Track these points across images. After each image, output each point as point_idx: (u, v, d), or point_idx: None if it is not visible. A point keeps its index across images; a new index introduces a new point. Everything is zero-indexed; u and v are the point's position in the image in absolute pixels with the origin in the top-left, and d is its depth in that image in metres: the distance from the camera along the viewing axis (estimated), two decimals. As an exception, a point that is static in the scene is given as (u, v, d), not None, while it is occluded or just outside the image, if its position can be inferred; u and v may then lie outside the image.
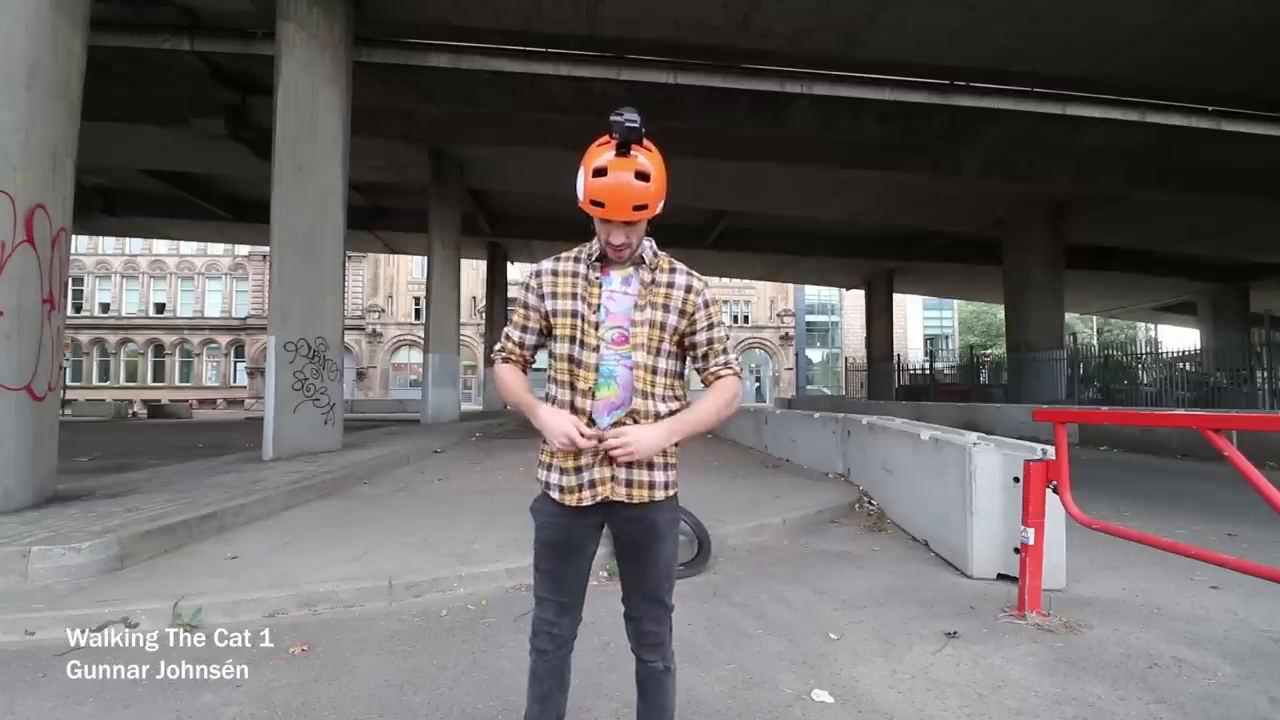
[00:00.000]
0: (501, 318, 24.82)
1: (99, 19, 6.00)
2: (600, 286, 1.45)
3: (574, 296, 1.45)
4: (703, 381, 1.55)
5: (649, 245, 1.50)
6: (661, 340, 1.45)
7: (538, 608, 1.53)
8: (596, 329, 1.43)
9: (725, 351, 1.52)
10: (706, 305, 1.49)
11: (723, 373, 1.51)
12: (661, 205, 1.37)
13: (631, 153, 1.31)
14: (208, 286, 38.23)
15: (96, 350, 37.18)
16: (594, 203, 1.34)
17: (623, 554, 1.53)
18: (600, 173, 1.32)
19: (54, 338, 4.66)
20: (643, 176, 1.31)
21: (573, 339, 1.44)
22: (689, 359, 1.54)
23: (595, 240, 1.47)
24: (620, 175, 1.31)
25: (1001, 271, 18.15)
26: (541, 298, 1.49)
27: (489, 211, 20.81)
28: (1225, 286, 25.55)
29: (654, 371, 1.45)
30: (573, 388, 1.44)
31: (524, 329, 1.54)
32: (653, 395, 1.44)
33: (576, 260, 1.49)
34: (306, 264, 7.58)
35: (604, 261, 1.47)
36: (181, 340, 37.69)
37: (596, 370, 1.43)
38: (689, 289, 1.48)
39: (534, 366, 1.61)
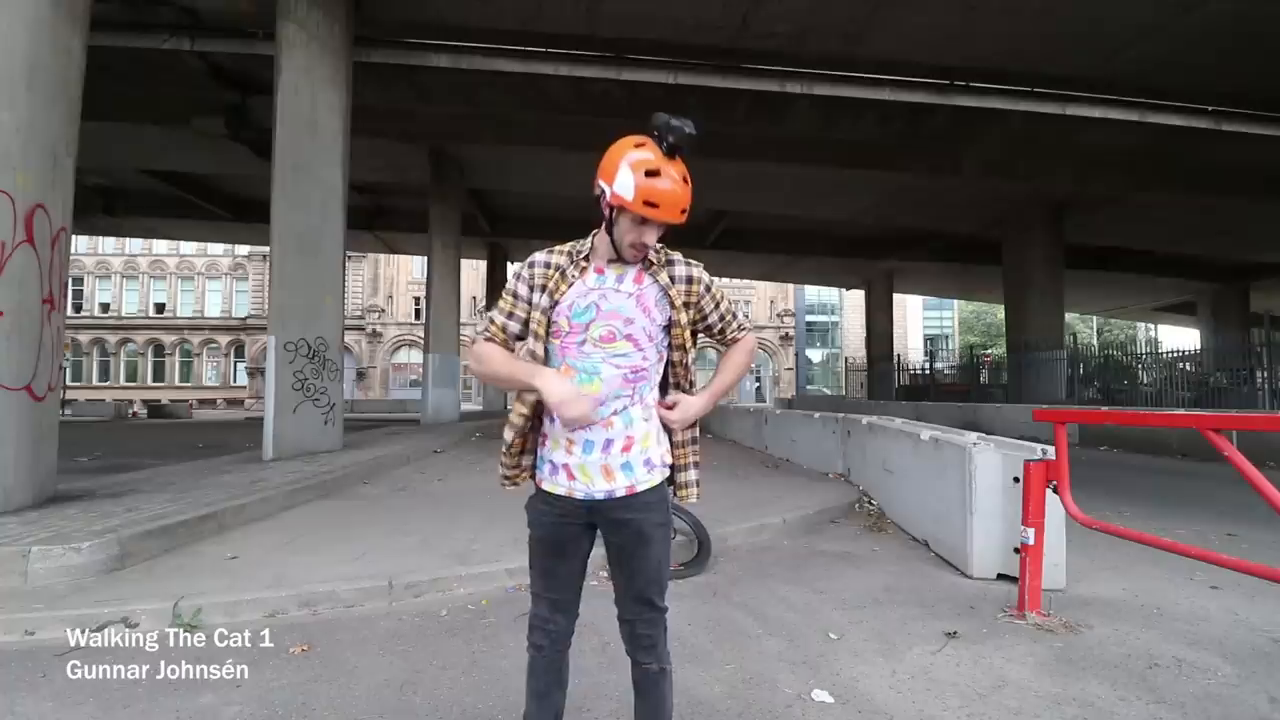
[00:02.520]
0: (502, 318, 24.78)
1: (99, 19, 5.99)
2: (570, 285, 1.45)
3: (550, 294, 1.47)
4: (724, 346, 1.64)
5: None
6: (687, 338, 1.52)
7: (534, 604, 1.56)
8: (550, 324, 1.46)
9: (735, 318, 1.60)
10: (708, 289, 1.54)
11: (739, 336, 1.61)
12: None
13: (676, 157, 1.34)
14: (208, 286, 38.23)
15: (96, 350, 37.18)
16: (647, 203, 1.31)
17: (612, 557, 1.53)
18: (654, 173, 1.31)
19: (54, 338, 4.66)
20: (687, 180, 1.36)
21: (539, 336, 1.47)
22: (704, 338, 1.63)
23: (590, 239, 1.49)
24: (674, 177, 1.33)
25: (1001, 271, 18.15)
26: (532, 289, 1.49)
27: (489, 211, 20.82)
28: (1225, 286, 25.54)
29: (687, 367, 1.54)
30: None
31: (509, 315, 1.52)
32: (684, 387, 1.56)
33: (567, 255, 1.49)
34: (306, 264, 7.58)
35: (593, 259, 1.48)
36: (181, 340, 37.70)
37: (572, 366, 1.44)
38: (690, 280, 1.50)
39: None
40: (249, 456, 7.30)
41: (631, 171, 1.32)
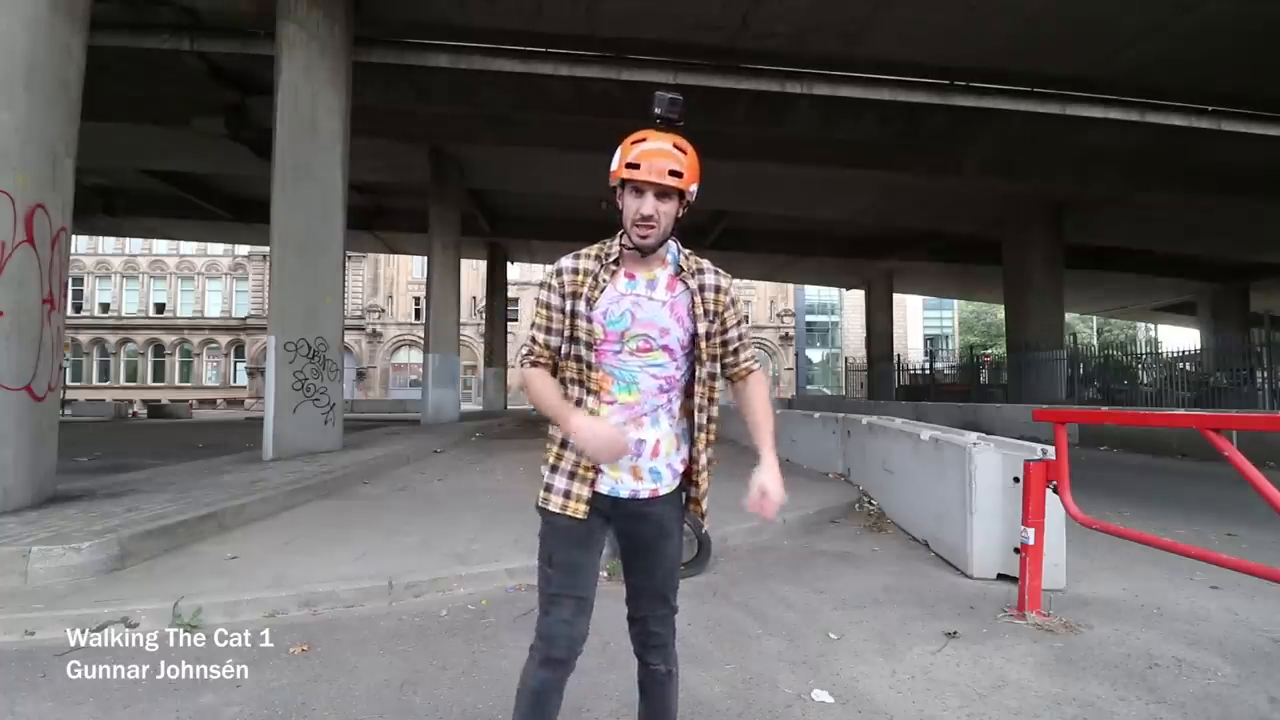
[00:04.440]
0: (502, 318, 24.81)
1: (99, 19, 5.99)
2: (602, 290, 1.40)
3: (586, 299, 1.41)
4: (729, 378, 1.57)
5: (675, 247, 1.47)
6: (713, 348, 1.48)
7: (552, 609, 1.41)
8: (592, 325, 1.40)
9: (748, 346, 1.56)
10: (734, 303, 1.50)
11: (753, 367, 1.56)
12: (694, 191, 1.38)
13: (668, 130, 1.38)
14: (208, 286, 38.24)
15: (96, 350, 37.19)
16: (629, 165, 1.33)
17: (631, 552, 1.50)
18: (639, 141, 1.35)
19: (54, 338, 4.66)
20: (680, 149, 1.35)
21: (586, 342, 1.40)
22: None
23: (615, 241, 1.44)
24: (659, 142, 1.34)
25: (1001, 271, 18.14)
26: (564, 297, 1.43)
27: (489, 211, 20.82)
28: (1225, 286, 25.54)
29: (714, 378, 1.48)
30: (585, 388, 1.42)
31: (548, 330, 1.46)
32: (714, 401, 1.49)
33: (596, 259, 1.44)
34: (306, 264, 7.58)
35: (622, 264, 1.43)
36: (181, 340, 37.71)
37: (610, 374, 1.41)
38: (718, 289, 1.46)
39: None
40: (249, 456, 7.30)
41: (621, 148, 1.37)
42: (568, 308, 1.42)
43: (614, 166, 1.36)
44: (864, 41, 10.14)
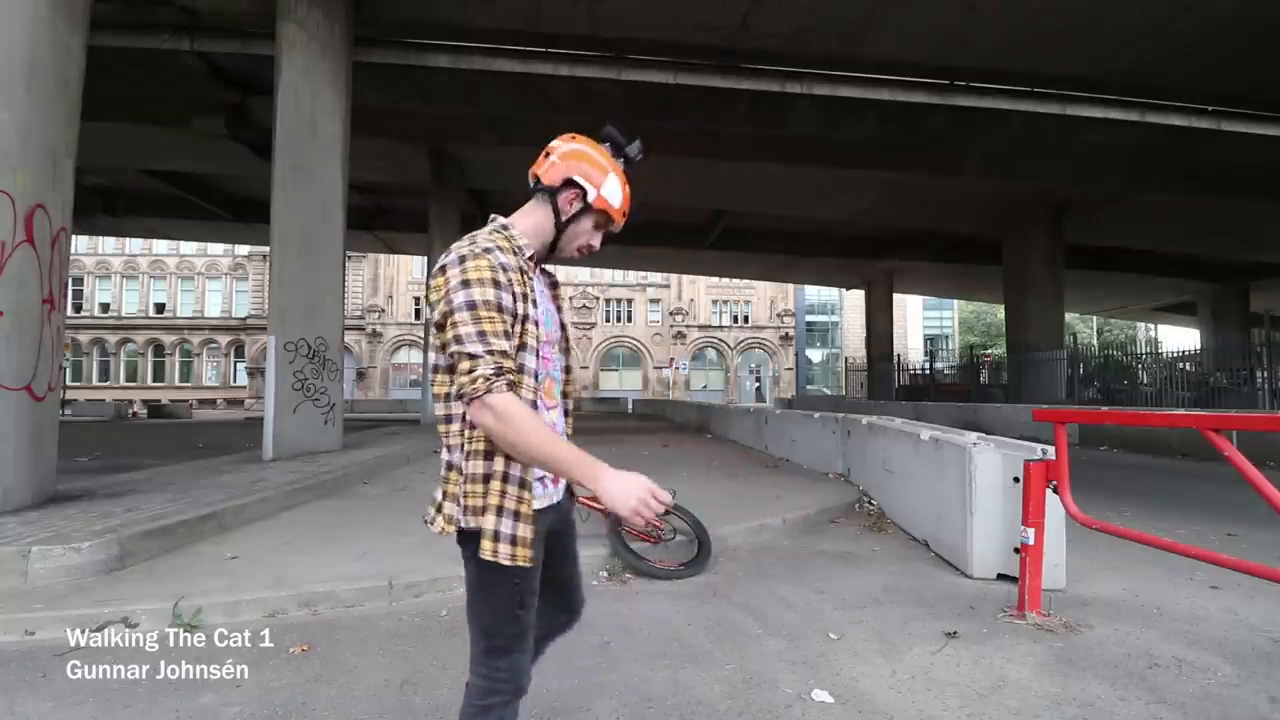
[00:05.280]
0: (501, 318, 24.74)
1: (99, 19, 5.99)
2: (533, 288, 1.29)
3: (532, 300, 1.27)
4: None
5: None
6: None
7: (519, 647, 1.27)
8: (538, 329, 1.28)
9: None
10: None
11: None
12: None
13: None
14: (208, 286, 38.22)
15: (96, 350, 37.18)
16: (624, 214, 1.36)
17: (564, 545, 1.46)
18: (627, 183, 1.37)
19: (54, 338, 4.67)
20: None
21: (535, 349, 1.25)
22: None
23: (509, 231, 1.31)
24: (627, 188, 1.38)
25: (1001, 272, 18.16)
26: (515, 299, 1.21)
27: (489, 211, 20.59)
28: (1225, 286, 25.57)
29: (570, 370, 1.50)
30: (543, 405, 1.30)
31: (507, 335, 1.18)
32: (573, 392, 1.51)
33: (513, 254, 1.25)
34: (306, 264, 7.58)
35: (533, 260, 1.33)
36: (181, 340, 37.69)
37: (551, 378, 1.38)
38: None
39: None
40: (249, 456, 7.30)
41: (618, 180, 1.34)
42: (519, 311, 1.21)
43: (610, 196, 1.31)
44: (864, 41, 10.15)
